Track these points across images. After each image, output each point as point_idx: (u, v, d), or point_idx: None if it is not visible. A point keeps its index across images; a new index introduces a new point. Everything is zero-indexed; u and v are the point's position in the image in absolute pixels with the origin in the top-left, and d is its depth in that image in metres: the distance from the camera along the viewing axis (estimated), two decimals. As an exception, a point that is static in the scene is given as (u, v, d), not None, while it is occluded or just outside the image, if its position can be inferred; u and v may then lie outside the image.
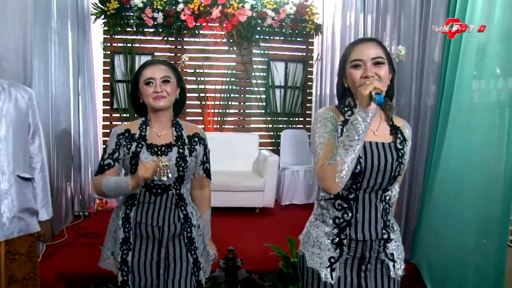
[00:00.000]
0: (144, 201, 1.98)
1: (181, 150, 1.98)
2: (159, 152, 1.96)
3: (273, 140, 6.64)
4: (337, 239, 1.66)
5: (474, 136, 3.03)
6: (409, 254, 3.61)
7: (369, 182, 1.62)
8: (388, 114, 1.71)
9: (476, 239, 2.94)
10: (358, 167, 1.58)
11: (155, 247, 2.01)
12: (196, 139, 2.06)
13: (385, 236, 1.68)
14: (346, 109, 1.69)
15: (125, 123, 2.18)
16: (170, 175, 1.85)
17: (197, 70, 6.25)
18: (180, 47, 6.31)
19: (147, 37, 6.24)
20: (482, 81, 3.10)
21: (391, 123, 1.72)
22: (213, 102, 6.44)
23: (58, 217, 4.39)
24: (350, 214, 1.64)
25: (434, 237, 3.35)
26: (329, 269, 1.66)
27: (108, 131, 5.99)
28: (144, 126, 2.03)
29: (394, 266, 1.71)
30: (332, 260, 1.67)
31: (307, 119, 6.82)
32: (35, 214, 2.33)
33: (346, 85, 1.68)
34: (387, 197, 1.70)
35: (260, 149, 6.17)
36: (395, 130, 1.71)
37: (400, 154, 1.65)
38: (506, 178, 2.73)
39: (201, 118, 6.42)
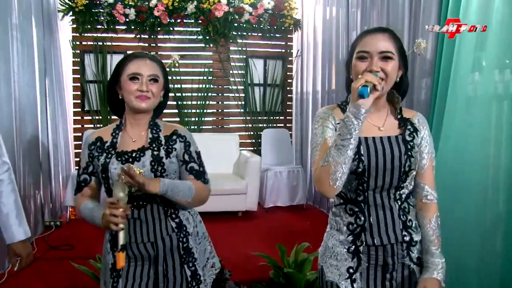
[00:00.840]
0: (128, 218, 1.71)
1: (155, 153, 1.72)
2: (130, 159, 1.71)
3: (254, 140, 6.46)
4: (353, 246, 1.54)
5: (473, 131, 2.87)
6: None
7: (377, 181, 1.50)
8: (396, 107, 1.59)
9: (480, 241, 2.76)
10: (361, 165, 1.47)
11: (152, 266, 1.78)
12: (174, 137, 1.79)
13: (407, 239, 1.54)
14: (347, 106, 1.50)
15: (98, 129, 1.91)
16: None
17: (172, 69, 5.98)
18: (154, 44, 6.05)
19: (119, 35, 5.96)
20: (480, 74, 2.95)
21: (399, 116, 1.59)
22: (190, 102, 6.22)
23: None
24: (362, 218, 1.52)
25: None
26: (349, 280, 1.54)
27: (80, 134, 5.74)
28: (117, 131, 1.80)
29: (422, 271, 1.56)
30: (351, 270, 1.54)
31: (287, 117, 6.67)
32: None
33: (351, 76, 1.54)
34: (403, 195, 1.56)
35: (240, 150, 6.00)
36: (403, 122, 1.58)
37: (409, 147, 1.52)
38: (510, 175, 2.57)
39: (178, 119, 6.18)
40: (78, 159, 5.56)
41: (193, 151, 1.80)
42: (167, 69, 1.92)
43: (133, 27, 5.90)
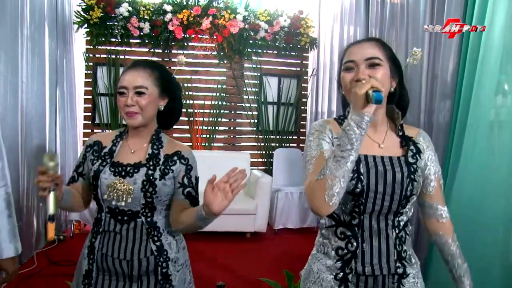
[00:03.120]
0: (109, 230, 1.65)
1: (150, 172, 1.62)
2: (123, 173, 1.63)
3: (265, 160, 6.32)
4: (341, 274, 1.41)
5: (495, 159, 2.71)
6: None
7: (375, 205, 1.38)
8: (396, 122, 1.50)
9: (504, 279, 2.57)
10: (359, 185, 1.35)
11: (126, 284, 1.66)
12: (175, 157, 1.68)
13: (400, 271, 1.42)
14: (345, 120, 1.37)
15: (101, 133, 1.83)
16: (128, 201, 1.59)
17: (185, 84, 5.90)
18: (168, 59, 5.98)
19: (133, 48, 5.90)
20: (503, 97, 2.81)
21: (400, 133, 1.49)
22: (201, 119, 6.11)
23: (28, 242, 3.98)
24: (355, 244, 1.40)
25: (448, 276, 2.96)
26: None
27: (89, 148, 5.61)
28: (118, 139, 1.73)
29: None
30: None
31: (301, 137, 6.52)
32: None
33: (342, 92, 1.46)
34: (401, 223, 1.45)
35: (251, 169, 5.90)
36: (406, 141, 1.48)
37: (412, 169, 1.41)
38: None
39: (189, 135, 6.07)
40: (86, 172, 5.48)
41: (193, 176, 1.70)
42: (179, 80, 1.79)
43: (147, 41, 5.85)
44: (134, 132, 1.71)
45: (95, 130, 5.87)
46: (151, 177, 1.61)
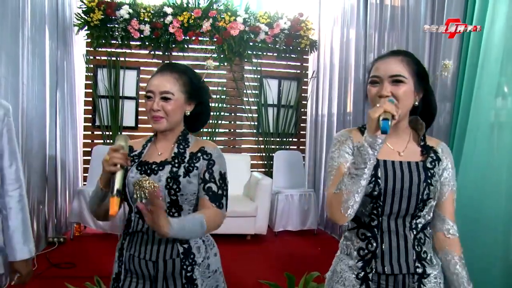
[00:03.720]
0: (137, 230, 1.65)
1: (174, 169, 1.62)
2: (148, 171, 1.63)
3: (266, 162, 6.32)
4: (363, 273, 1.48)
5: (495, 160, 2.71)
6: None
7: (392, 207, 1.45)
8: (419, 133, 1.54)
9: (505, 279, 2.57)
10: (377, 188, 1.43)
11: (152, 286, 1.66)
12: (199, 154, 1.67)
13: (419, 271, 1.47)
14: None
15: (134, 140, 1.83)
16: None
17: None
18: (168, 61, 5.96)
19: (133, 51, 5.91)
20: (503, 99, 2.81)
21: (422, 143, 1.53)
22: (202, 121, 6.07)
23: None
24: (374, 244, 1.47)
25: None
26: None
27: (89, 149, 5.64)
28: (148, 143, 1.76)
29: None
30: None
31: (301, 139, 6.54)
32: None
33: (369, 102, 1.52)
34: (419, 225, 1.49)
35: (251, 171, 5.90)
36: (426, 150, 1.52)
37: (429, 174, 1.46)
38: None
39: (189, 137, 6.03)
40: (86, 174, 5.48)
41: (216, 171, 1.66)
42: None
43: (147, 43, 5.85)
44: (162, 136, 1.72)
45: (95, 132, 5.88)
46: (175, 174, 1.61)
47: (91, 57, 5.81)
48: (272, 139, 6.31)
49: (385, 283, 1.47)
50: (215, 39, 5.88)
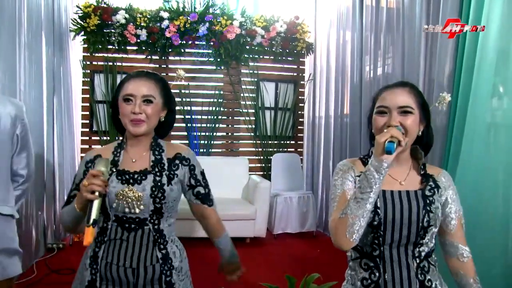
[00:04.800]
0: (115, 238, 1.64)
1: (157, 178, 1.65)
2: (131, 181, 1.63)
3: (264, 165, 6.32)
4: None
5: (493, 160, 2.73)
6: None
7: (393, 236, 1.47)
8: (419, 162, 1.58)
9: (504, 279, 2.58)
10: (377, 218, 1.45)
11: None
12: (177, 161, 1.72)
13: None
14: (369, 159, 1.48)
15: (98, 147, 1.83)
16: (141, 208, 1.60)
17: (183, 91, 5.91)
18: (165, 66, 5.99)
19: (130, 55, 5.91)
20: (499, 100, 2.83)
21: (422, 172, 1.56)
22: (199, 125, 6.11)
23: (27, 250, 3.96)
24: (377, 274, 1.49)
25: (449, 279, 2.95)
26: None
27: (87, 155, 5.59)
28: (118, 150, 1.72)
29: None
30: None
31: (298, 142, 6.54)
32: (16, 254, 2.03)
33: (373, 130, 1.56)
34: (422, 253, 1.50)
35: (250, 174, 5.89)
36: (426, 178, 1.55)
37: (428, 201, 1.49)
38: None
39: (187, 141, 6.07)
40: (84, 180, 5.46)
41: (198, 173, 1.77)
42: (176, 87, 1.83)
43: (144, 48, 5.85)
44: (134, 142, 1.71)
45: (92, 138, 5.87)
46: (159, 183, 1.63)
47: (88, 63, 5.82)
48: (270, 142, 6.32)
49: None
50: (211, 43, 5.89)
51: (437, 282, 1.51)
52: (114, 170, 1.66)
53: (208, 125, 6.13)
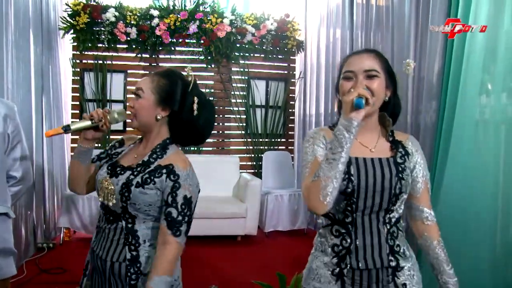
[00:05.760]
0: (100, 225, 1.69)
1: (131, 177, 1.57)
2: (113, 172, 1.63)
3: (255, 163, 6.33)
4: (338, 269, 1.50)
5: (481, 156, 2.75)
6: None
7: (366, 203, 1.48)
8: (387, 129, 1.59)
9: (491, 271, 2.60)
10: (350, 185, 1.45)
11: (104, 283, 1.65)
12: (164, 170, 1.56)
13: (393, 264, 1.50)
14: None
15: (131, 136, 1.83)
16: (113, 201, 1.58)
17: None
18: (155, 64, 5.97)
19: (120, 54, 5.88)
20: (487, 97, 2.85)
21: (391, 138, 1.58)
22: (190, 123, 6.05)
23: (17, 250, 3.89)
24: (348, 240, 1.49)
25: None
26: None
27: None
28: (134, 143, 1.77)
29: None
30: None
31: (289, 140, 6.54)
32: (11, 255, 2.04)
33: (340, 98, 1.54)
34: (393, 219, 1.52)
35: (240, 173, 5.89)
36: (395, 144, 1.57)
37: (400, 169, 1.50)
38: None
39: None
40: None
41: (180, 195, 1.54)
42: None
43: (134, 46, 5.82)
44: (144, 139, 1.70)
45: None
46: (129, 182, 1.56)
47: (78, 61, 5.78)
48: (261, 139, 6.32)
49: (359, 278, 1.49)
50: (202, 41, 5.88)
51: (404, 247, 1.54)
52: (113, 159, 1.70)
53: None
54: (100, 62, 5.76)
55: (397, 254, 1.51)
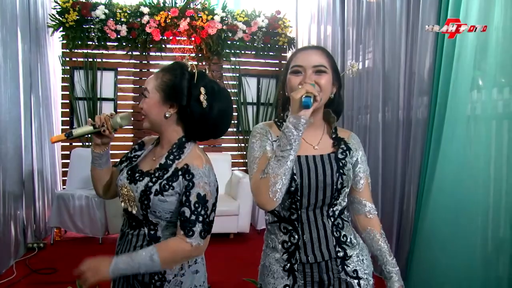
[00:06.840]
0: (124, 230, 1.66)
1: (150, 184, 1.52)
2: (132, 178, 1.58)
3: (246, 160, 6.24)
4: (288, 265, 1.54)
5: (472, 151, 2.76)
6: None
7: (310, 200, 1.51)
8: (331, 125, 1.65)
9: (483, 266, 2.61)
10: (293, 184, 1.48)
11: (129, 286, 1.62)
12: (180, 172, 1.51)
13: (341, 254, 1.55)
14: (284, 123, 1.45)
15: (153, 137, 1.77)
16: (135, 209, 1.54)
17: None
18: (146, 61, 5.93)
19: (110, 51, 5.83)
20: (478, 92, 2.85)
21: (334, 135, 1.63)
22: (181, 120, 6.02)
23: (6, 250, 3.89)
24: (296, 237, 1.53)
25: (431, 269, 2.99)
26: None
27: (68, 152, 5.55)
28: (156, 142, 1.71)
29: (359, 284, 1.57)
30: None
31: (281, 137, 6.49)
32: None
33: (286, 93, 1.58)
34: (336, 212, 1.58)
35: (232, 170, 5.88)
36: (338, 141, 1.62)
37: (341, 164, 1.55)
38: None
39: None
40: (65, 178, 5.38)
41: (194, 194, 1.48)
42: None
43: (124, 43, 5.78)
44: (160, 139, 1.65)
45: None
46: (148, 190, 1.51)
47: (67, 59, 5.72)
48: (253, 137, 6.28)
49: (310, 271, 1.53)
50: (192, 39, 5.84)
51: (351, 236, 1.60)
52: (133, 163, 1.67)
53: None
54: (90, 60, 5.71)
55: (344, 244, 1.56)
